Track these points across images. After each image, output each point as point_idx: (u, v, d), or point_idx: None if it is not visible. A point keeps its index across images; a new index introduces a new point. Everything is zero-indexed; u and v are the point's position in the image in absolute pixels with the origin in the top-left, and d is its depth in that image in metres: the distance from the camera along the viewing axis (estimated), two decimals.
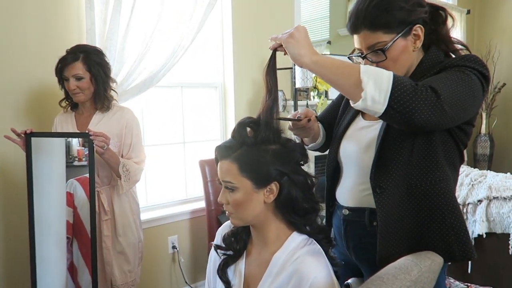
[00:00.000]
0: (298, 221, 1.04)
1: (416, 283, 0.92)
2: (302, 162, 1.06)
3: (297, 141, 1.34)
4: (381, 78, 0.94)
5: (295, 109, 3.16)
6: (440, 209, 1.10)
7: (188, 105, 2.94)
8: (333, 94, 3.49)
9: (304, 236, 1.05)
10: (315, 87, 3.31)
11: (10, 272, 2.17)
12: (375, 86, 0.94)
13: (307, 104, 3.13)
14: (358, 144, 1.19)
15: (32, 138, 1.72)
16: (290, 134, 1.24)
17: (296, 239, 1.03)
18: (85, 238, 1.86)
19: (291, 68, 2.99)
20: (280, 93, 2.95)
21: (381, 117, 0.97)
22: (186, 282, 2.81)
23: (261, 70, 1.09)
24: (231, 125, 3.07)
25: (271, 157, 1.00)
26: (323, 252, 1.04)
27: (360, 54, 1.14)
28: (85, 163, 1.86)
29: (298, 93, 3.22)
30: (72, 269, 1.91)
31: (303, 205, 1.03)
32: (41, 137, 1.75)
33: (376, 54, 1.10)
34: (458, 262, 1.54)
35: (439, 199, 1.10)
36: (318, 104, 3.26)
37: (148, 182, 2.74)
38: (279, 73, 1.09)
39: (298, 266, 0.98)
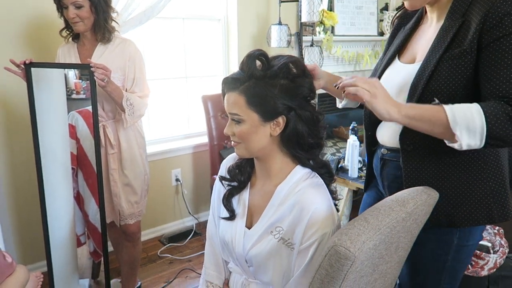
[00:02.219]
0: (302, 155, 1.05)
1: (411, 215, 0.96)
2: (309, 98, 1.05)
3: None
4: (474, 125, 0.93)
5: (300, 44, 3.08)
6: (481, 171, 1.07)
7: (190, 39, 2.86)
8: (339, 30, 3.38)
9: (307, 170, 1.07)
10: (321, 22, 3.19)
11: (21, 202, 2.25)
12: (469, 135, 0.94)
13: (312, 40, 3.04)
14: (393, 87, 1.14)
15: (33, 69, 1.69)
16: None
17: (299, 172, 1.06)
18: (89, 169, 1.91)
19: (297, 0, 2.86)
20: (284, 27, 2.85)
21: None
22: (189, 213, 2.93)
23: (266, 3, 1.04)
24: (234, 60, 3.01)
25: (279, 92, 0.99)
26: (325, 185, 1.07)
27: None
28: (83, 96, 1.85)
29: (303, 28, 3.12)
30: (78, 198, 1.99)
31: (308, 140, 1.04)
32: (41, 68, 1.72)
33: None
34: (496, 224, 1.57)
35: (480, 160, 1.07)
36: (324, 40, 3.17)
37: (151, 116, 2.75)
38: (284, 5, 1.04)
39: (300, 197, 1.01)
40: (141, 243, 2.13)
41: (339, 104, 1.38)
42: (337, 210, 1.07)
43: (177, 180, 2.84)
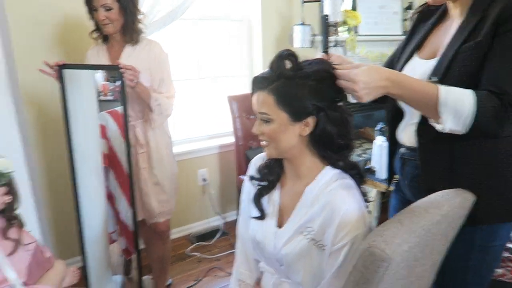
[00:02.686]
0: (331, 156, 1.05)
1: (446, 218, 0.94)
2: (338, 99, 1.05)
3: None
4: (462, 111, 0.95)
5: (324, 45, 3.05)
6: (502, 162, 1.05)
7: (215, 40, 2.88)
8: (363, 30, 3.34)
9: (338, 171, 1.06)
10: (344, 22, 3.16)
11: (56, 201, 2.33)
12: (454, 121, 0.96)
13: (335, 40, 3.01)
14: None
15: (65, 71, 1.74)
16: None
17: (329, 173, 1.06)
18: (119, 168, 1.96)
19: (320, 0, 2.84)
20: (307, 28, 2.83)
21: None
22: (216, 212, 2.96)
23: (289, 4, 1.05)
24: (258, 61, 3.02)
25: (308, 92, 0.99)
26: (356, 186, 1.06)
27: None
28: (110, 98, 1.90)
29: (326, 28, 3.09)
30: (110, 197, 2.04)
31: (338, 141, 1.03)
32: (73, 69, 1.77)
33: None
34: None
35: (501, 151, 1.05)
36: (347, 40, 3.13)
37: (177, 117, 2.79)
38: (307, 5, 1.05)
39: (331, 198, 1.01)
40: (171, 241, 2.17)
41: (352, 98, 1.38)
42: (368, 212, 1.06)
43: (203, 180, 2.87)
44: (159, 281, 2.14)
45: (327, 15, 2.44)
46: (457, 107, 0.94)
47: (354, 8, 3.28)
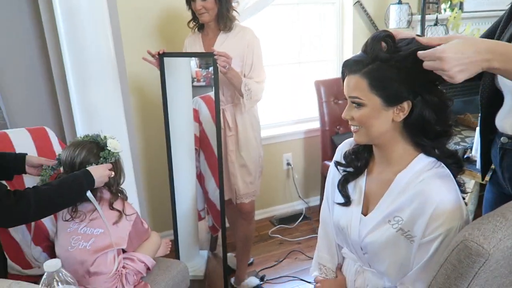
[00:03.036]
0: (427, 144, 0.99)
1: None
2: (437, 83, 0.97)
3: None
4: None
5: (422, 25, 2.84)
6: None
7: (304, 24, 2.85)
8: (469, 5, 3.04)
9: (432, 159, 1.00)
10: None
11: (153, 179, 2.55)
12: None
13: (436, 18, 2.78)
14: None
15: (165, 59, 1.87)
16: None
17: (423, 161, 0.99)
18: (210, 150, 2.06)
19: None
20: (405, 6, 2.66)
21: None
22: (299, 197, 2.98)
23: None
24: (348, 44, 2.93)
25: (405, 75, 0.93)
26: (452, 177, 0.99)
27: None
28: (203, 83, 1.99)
29: (426, 6, 2.87)
30: (200, 177, 2.17)
31: (435, 128, 0.97)
32: (172, 57, 1.89)
33: None
34: None
35: None
36: (450, 18, 2.87)
37: (265, 101, 2.83)
38: None
39: (424, 187, 0.95)
40: (255, 222, 2.24)
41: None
42: (465, 204, 0.98)
43: (288, 164, 2.90)
44: (242, 258, 2.23)
45: None
46: None
47: None
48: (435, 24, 2.77)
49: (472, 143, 2.22)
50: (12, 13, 1.93)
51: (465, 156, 2.21)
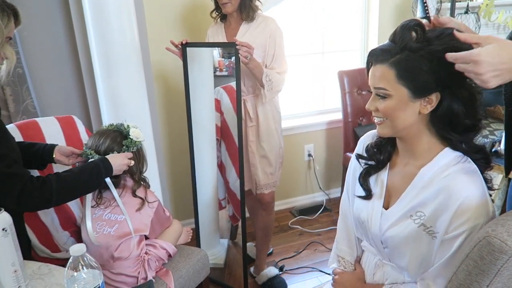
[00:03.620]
0: (454, 138, 0.96)
1: None
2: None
3: None
4: None
5: (452, 13, 2.75)
6: None
7: (328, 14, 2.81)
8: None
9: (458, 153, 0.97)
10: None
11: (175, 168, 2.59)
12: None
13: (467, 6, 2.68)
14: None
15: (188, 49, 1.88)
16: None
17: (449, 155, 0.97)
18: (231, 140, 2.07)
19: None
20: None
21: None
22: (320, 188, 2.97)
23: None
24: (373, 34, 2.87)
25: (435, 66, 0.90)
26: (479, 172, 0.96)
27: None
28: (225, 73, 1.99)
29: None
30: (221, 166, 2.19)
31: (464, 121, 0.94)
32: (194, 47, 1.90)
33: None
34: None
35: None
36: (482, 6, 2.77)
37: (287, 92, 2.82)
38: None
39: (449, 182, 0.93)
40: (275, 213, 2.25)
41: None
42: (491, 200, 0.96)
43: (309, 155, 2.89)
44: (261, 248, 2.25)
45: None
46: None
47: None
48: (466, 12, 2.68)
49: (501, 137, 2.15)
50: (43, 5, 1.98)
51: (493, 150, 2.14)
